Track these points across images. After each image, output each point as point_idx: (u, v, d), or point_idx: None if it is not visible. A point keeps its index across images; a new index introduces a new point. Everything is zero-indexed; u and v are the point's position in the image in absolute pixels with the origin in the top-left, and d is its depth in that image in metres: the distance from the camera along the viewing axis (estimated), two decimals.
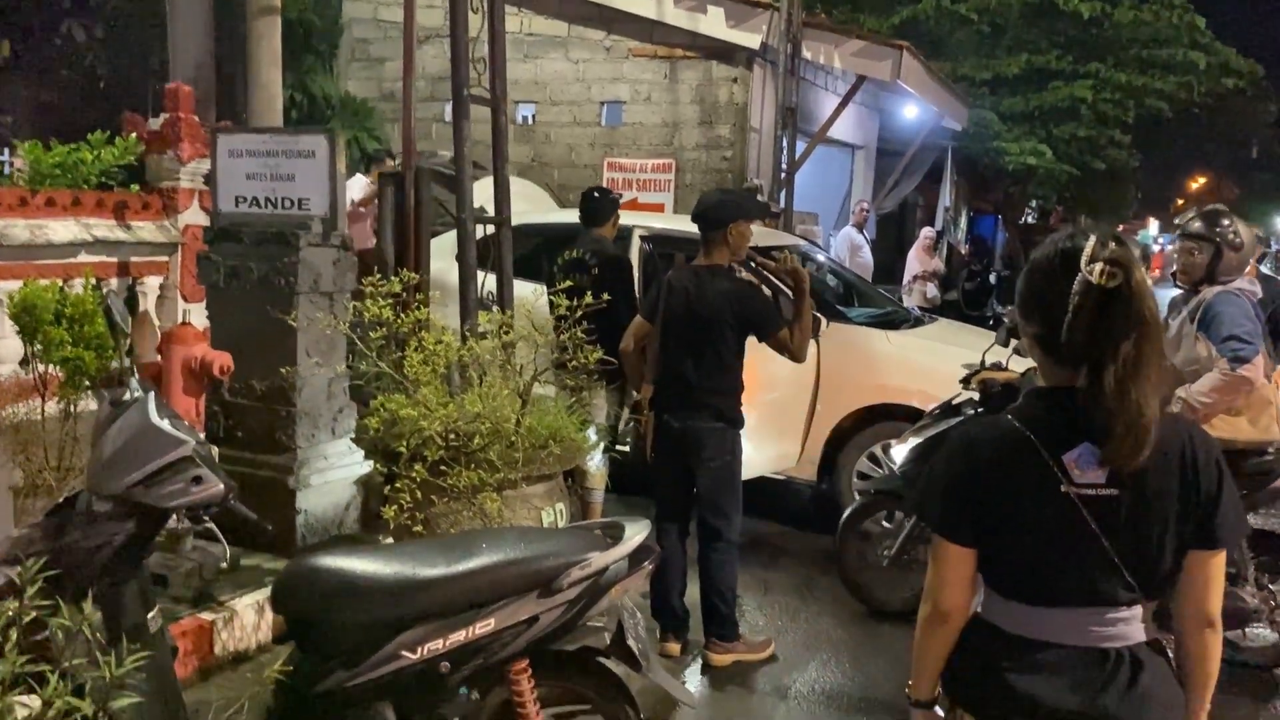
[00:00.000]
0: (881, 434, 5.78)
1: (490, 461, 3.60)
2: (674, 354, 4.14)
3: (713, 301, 4.08)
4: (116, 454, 2.46)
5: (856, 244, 11.26)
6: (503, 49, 5.19)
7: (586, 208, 5.51)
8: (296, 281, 4.37)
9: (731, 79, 9.75)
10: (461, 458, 3.61)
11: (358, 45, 10.97)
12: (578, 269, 5.10)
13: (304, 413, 4.48)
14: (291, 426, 4.46)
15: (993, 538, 1.77)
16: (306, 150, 4.47)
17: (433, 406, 3.68)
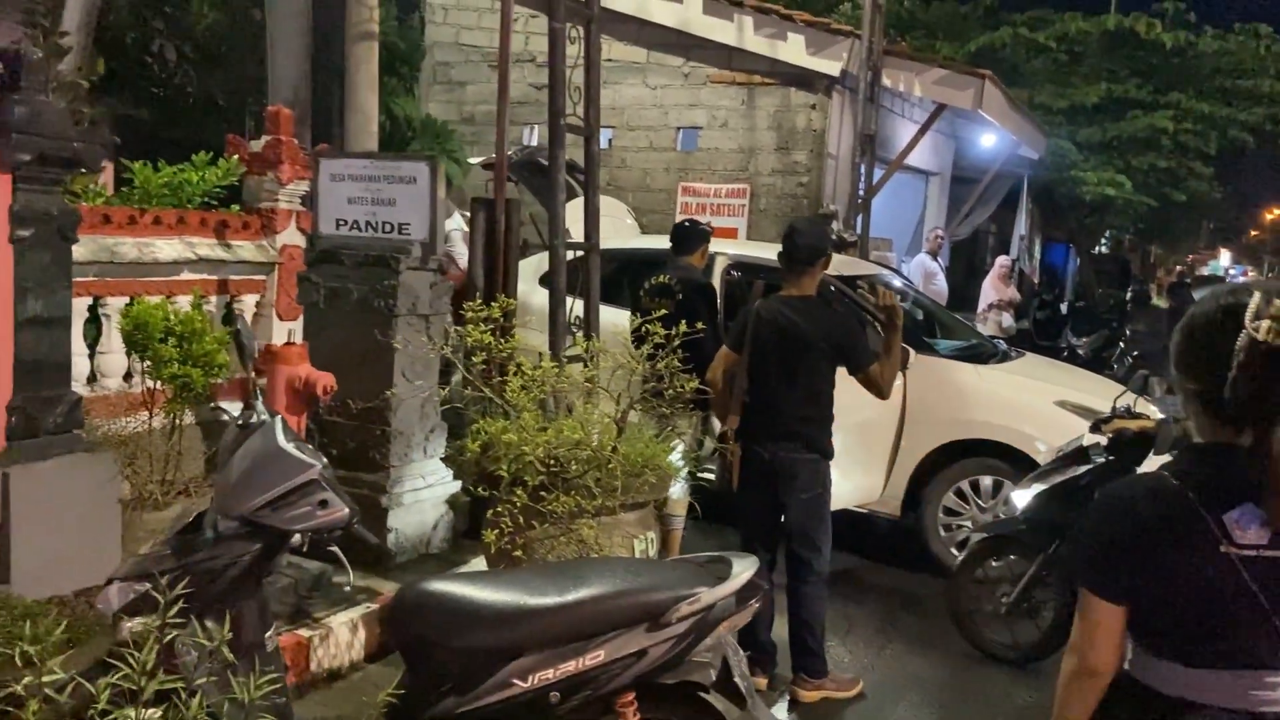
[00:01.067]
0: (969, 470, 5.72)
1: (588, 488, 3.61)
2: (765, 384, 4.13)
3: (808, 332, 4.08)
4: (244, 476, 2.52)
5: (931, 271, 11.14)
6: (598, 78, 5.26)
7: (677, 236, 5.58)
8: (395, 304, 4.45)
9: (810, 105, 9.74)
10: (560, 483, 3.63)
11: (439, 69, 11.17)
12: (664, 295, 5.14)
13: (398, 432, 4.55)
14: (386, 445, 4.52)
15: (1147, 596, 1.74)
16: (408, 176, 4.55)
17: (533, 432, 3.71)
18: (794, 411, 4.08)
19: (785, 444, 4.08)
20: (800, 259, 4.12)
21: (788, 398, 4.08)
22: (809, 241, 4.13)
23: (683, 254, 5.51)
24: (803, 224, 4.27)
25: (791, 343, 4.08)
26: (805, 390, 4.08)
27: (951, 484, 5.77)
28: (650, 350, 3.89)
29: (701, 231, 5.62)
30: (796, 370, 4.07)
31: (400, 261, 4.46)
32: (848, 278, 6.17)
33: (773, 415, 4.11)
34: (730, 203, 10.13)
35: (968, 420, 5.70)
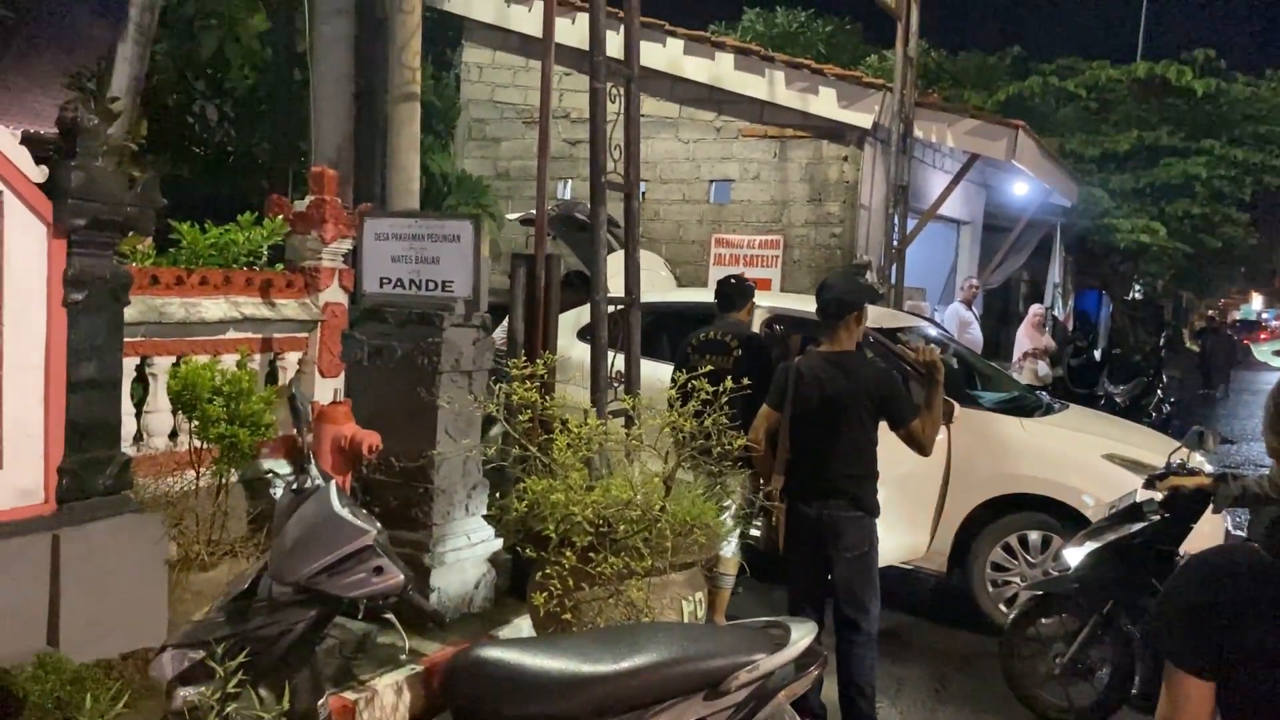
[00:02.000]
0: (1016, 525, 5.65)
1: (637, 548, 3.57)
2: (808, 441, 4.13)
3: (849, 387, 4.08)
4: (299, 542, 2.50)
5: (966, 320, 11.10)
6: (638, 135, 5.29)
7: (725, 294, 5.62)
8: (439, 361, 4.45)
9: (842, 157, 9.79)
10: (608, 544, 3.59)
11: (474, 125, 11.33)
12: (716, 350, 5.14)
13: (441, 490, 4.53)
14: (428, 503, 4.50)
15: (1238, 673, 1.68)
16: (452, 235, 4.59)
17: (580, 492, 3.68)
18: (838, 468, 4.08)
19: (831, 502, 4.07)
20: (832, 313, 4.15)
21: (831, 455, 4.08)
22: (839, 295, 4.17)
23: (731, 310, 5.56)
24: (835, 278, 4.31)
25: (833, 399, 4.09)
26: (849, 447, 4.08)
27: (999, 539, 5.70)
28: (698, 406, 3.85)
29: (749, 288, 5.70)
30: (839, 426, 4.07)
31: (444, 319, 4.48)
32: (887, 330, 6.14)
33: (817, 473, 4.10)
34: (764, 254, 10.15)
35: (1014, 475, 5.65)
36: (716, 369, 4.66)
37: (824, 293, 4.19)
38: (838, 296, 4.16)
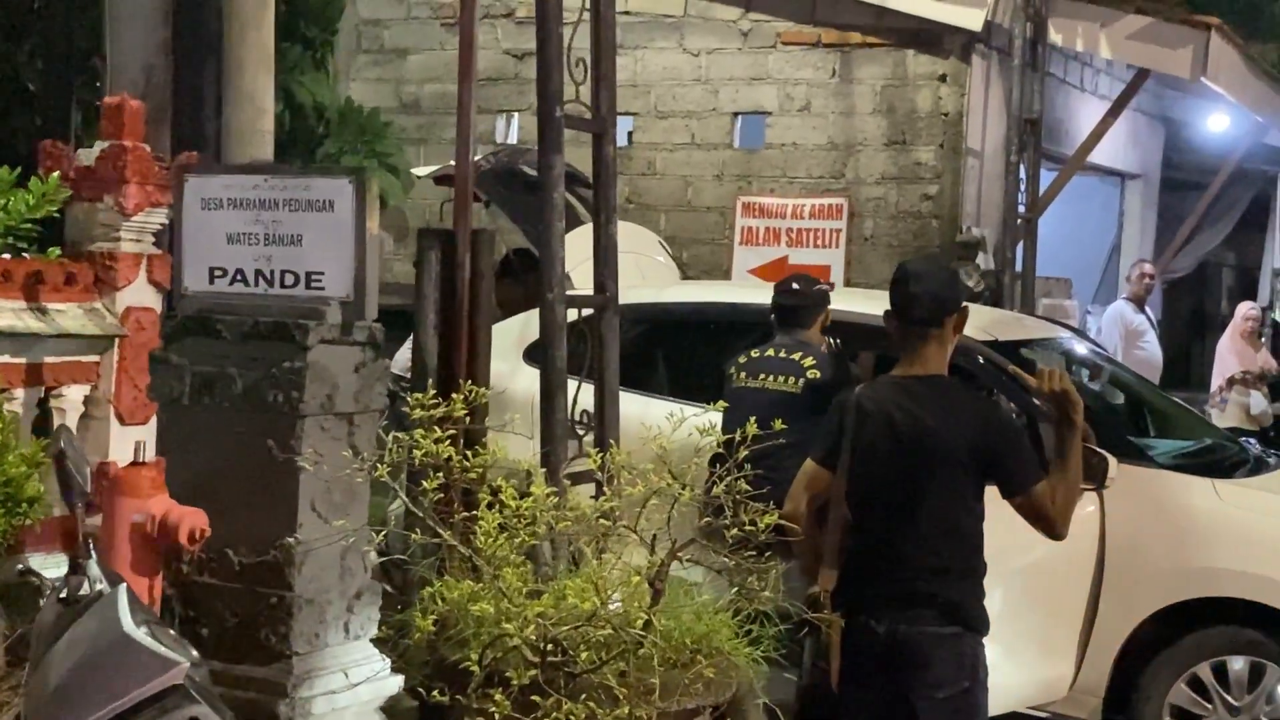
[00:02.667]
0: (1210, 647, 5.66)
1: (608, 687, 3.58)
2: (875, 517, 4.15)
3: (940, 433, 4.10)
4: (72, 678, 2.52)
5: (1135, 328, 11.17)
6: (612, 41, 5.36)
7: (783, 304, 5.76)
8: (302, 397, 4.47)
9: (938, 77, 9.88)
10: (563, 680, 3.60)
11: (366, 29, 11.43)
12: (781, 370, 5.34)
13: (305, 600, 4.53)
14: (286, 621, 4.50)
15: None
16: (321, 200, 4.61)
17: (518, 599, 3.70)
18: (922, 560, 4.09)
19: (910, 612, 4.08)
20: (919, 317, 4.15)
21: (911, 538, 4.09)
22: (932, 289, 4.17)
23: (796, 326, 5.68)
24: (920, 264, 4.38)
25: (915, 450, 4.10)
26: (938, 525, 4.10)
27: (1183, 670, 5.69)
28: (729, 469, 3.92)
29: (818, 293, 5.83)
30: (923, 493, 4.09)
31: (310, 332, 4.49)
32: (1004, 344, 6.18)
33: (889, 567, 4.12)
34: (818, 226, 10.25)
35: (1204, 569, 5.67)
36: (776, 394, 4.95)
37: (904, 286, 4.20)
38: (929, 292, 4.17)
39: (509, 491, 3.97)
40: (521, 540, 3.86)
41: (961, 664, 4.11)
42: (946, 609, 4.08)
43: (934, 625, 4.06)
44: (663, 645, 3.74)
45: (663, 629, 3.81)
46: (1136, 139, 12.85)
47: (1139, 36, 9.69)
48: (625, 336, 6.59)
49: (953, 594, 4.10)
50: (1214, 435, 7.10)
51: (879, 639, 4.06)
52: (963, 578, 4.15)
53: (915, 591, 4.07)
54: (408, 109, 11.14)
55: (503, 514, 3.91)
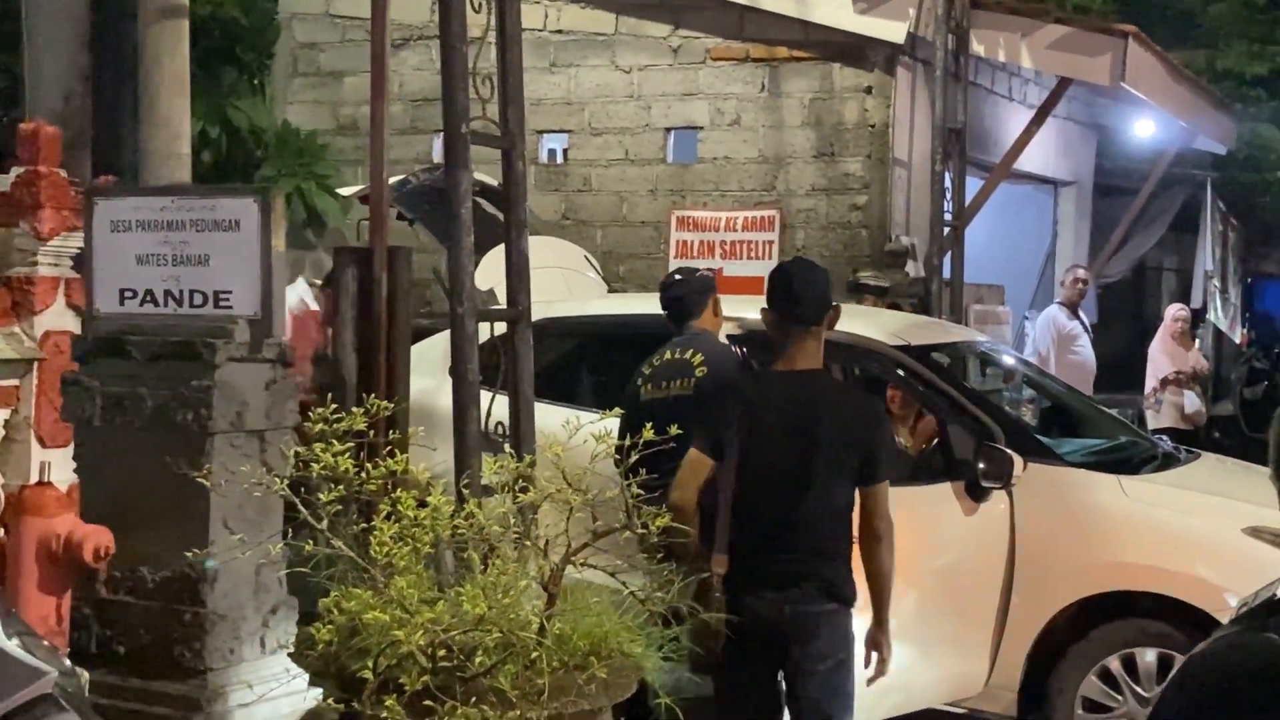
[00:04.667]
0: (1119, 640, 5.72)
1: (500, 691, 3.62)
2: (763, 502, 4.32)
3: (826, 424, 4.30)
4: None
5: (1068, 332, 11.21)
6: (518, 57, 5.38)
7: (669, 298, 5.68)
8: (211, 415, 4.51)
9: (863, 89, 9.95)
10: (456, 685, 3.63)
11: (302, 53, 11.43)
12: (676, 374, 5.28)
13: (219, 615, 4.58)
14: (200, 637, 4.55)
15: None
16: (227, 220, 4.66)
17: (413, 607, 3.73)
18: (806, 542, 4.31)
19: (794, 591, 4.29)
20: (804, 316, 4.36)
21: (797, 522, 4.30)
22: (816, 289, 4.40)
23: (688, 318, 5.60)
24: (801, 267, 4.60)
25: (802, 440, 4.30)
26: (821, 509, 4.31)
27: (1094, 663, 5.75)
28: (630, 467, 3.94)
29: (701, 279, 5.74)
30: (809, 480, 4.28)
31: (218, 350, 4.54)
32: (916, 348, 6.25)
33: (775, 549, 4.31)
34: (752, 238, 10.28)
35: (1113, 563, 5.73)
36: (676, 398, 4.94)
37: (790, 287, 4.41)
38: (813, 292, 4.39)
39: (407, 502, 4.00)
40: (414, 549, 3.89)
41: (837, 638, 4.33)
42: (827, 587, 4.30)
43: (817, 603, 4.28)
44: (555, 650, 3.76)
45: (559, 632, 3.84)
46: (1069, 147, 12.93)
47: (1059, 46, 9.76)
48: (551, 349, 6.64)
49: (831, 573, 4.32)
50: (1128, 434, 7.15)
51: (763, 617, 4.26)
52: (839, 558, 4.36)
53: (799, 572, 4.29)
54: (345, 131, 11.13)
55: (400, 524, 3.94)
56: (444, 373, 6.77)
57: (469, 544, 4.03)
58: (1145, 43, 10.04)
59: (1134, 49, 9.70)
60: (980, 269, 11.03)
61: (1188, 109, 11.86)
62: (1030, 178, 12.63)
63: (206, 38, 9.44)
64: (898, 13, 9.59)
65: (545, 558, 3.91)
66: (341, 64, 11.25)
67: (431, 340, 6.72)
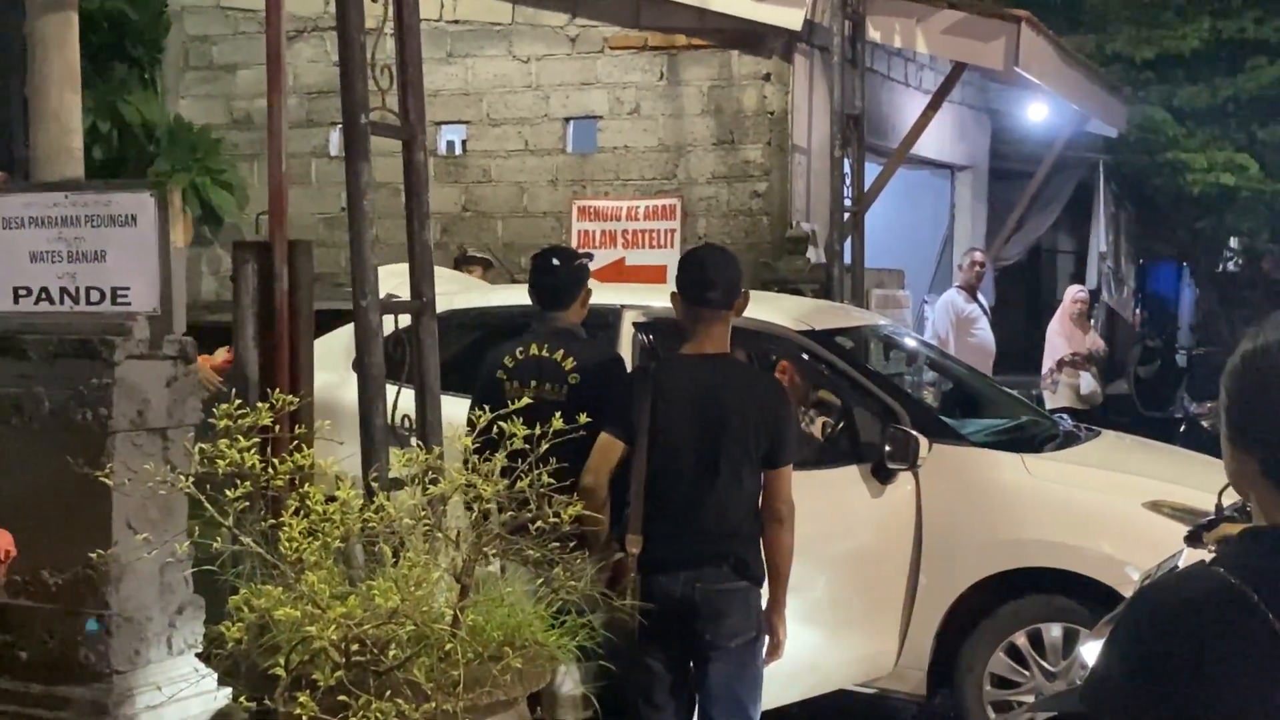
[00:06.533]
0: (1025, 616, 5.80)
1: (415, 684, 3.62)
2: (674, 484, 4.41)
3: (738, 406, 4.39)
4: None
5: (966, 315, 11.35)
6: (417, 47, 5.35)
7: (542, 281, 5.42)
8: (110, 414, 4.44)
9: (762, 76, 10.02)
10: (371, 680, 3.62)
11: (194, 46, 11.28)
12: (543, 375, 5.14)
13: (124, 617, 4.51)
14: (104, 640, 4.48)
15: None
16: (124, 215, 4.60)
17: (324, 602, 3.71)
18: (717, 523, 4.39)
19: (707, 570, 4.38)
20: (715, 301, 4.43)
21: (708, 503, 4.38)
22: (727, 275, 4.48)
23: (557, 307, 5.37)
24: (713, 253, 4.69)
25: (713, 422, 4.38)
26: (730, 491, 4.39)
27: (1000, 640, 5.84)
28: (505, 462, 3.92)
29: (578, 266, 5.48)
30: (719, 462, 4.36)
31: (116, 347, 4.47)
32: (820, 333, 6.31)
33: (687, 530, 4.39)
34: (653, 227, 10.33)
35: (1016, 540, 5.82)
36: (544, 402, 4.73)
37: (702, 272, 4.47)
38: (725, 278, 4.46)
39: (316, 496, 3.98)
40: (324, 543, 3.87)
41: (749, 616, 4.43)
42: (738, 566, 4.40)
43: (726, 581, 4.38)
44: (470, 641, 3.77)
45: (472, 623, 3.85)
46: (964, 132, 13.10)
47: (953, 31, 9.88)
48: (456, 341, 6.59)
49: (742, 552, 4.42)
50: (1029, 413, 7.27)
51: (675, 596, 4.35)
52: (748, 538, 4.46)
53: (712, 551, 4.39)
54: (239, 125, 11.02)
55: (309, 519, 3.91)
56: (348, 367, 6.74)
57: (379, 537, 4.02)
58: (1038, 27, 10.19)
59: (1027, 34, 9.84)
60: (879, 254, 11.14)
61: (1080, 93, 12.06)
62: (927, 163, 12.80)
63: (95, 31, 9.31)
64: (795, 1, 9.63)
65: (457, 549, 3.91)
66: (234, 57, 11.13)
67: (335, 334, 6.67)
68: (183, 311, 4.73)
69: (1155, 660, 1.83)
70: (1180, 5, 17.56)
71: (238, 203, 10.25)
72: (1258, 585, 1.79)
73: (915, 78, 11.97)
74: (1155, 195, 17.71)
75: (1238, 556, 1.88)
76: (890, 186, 10.76)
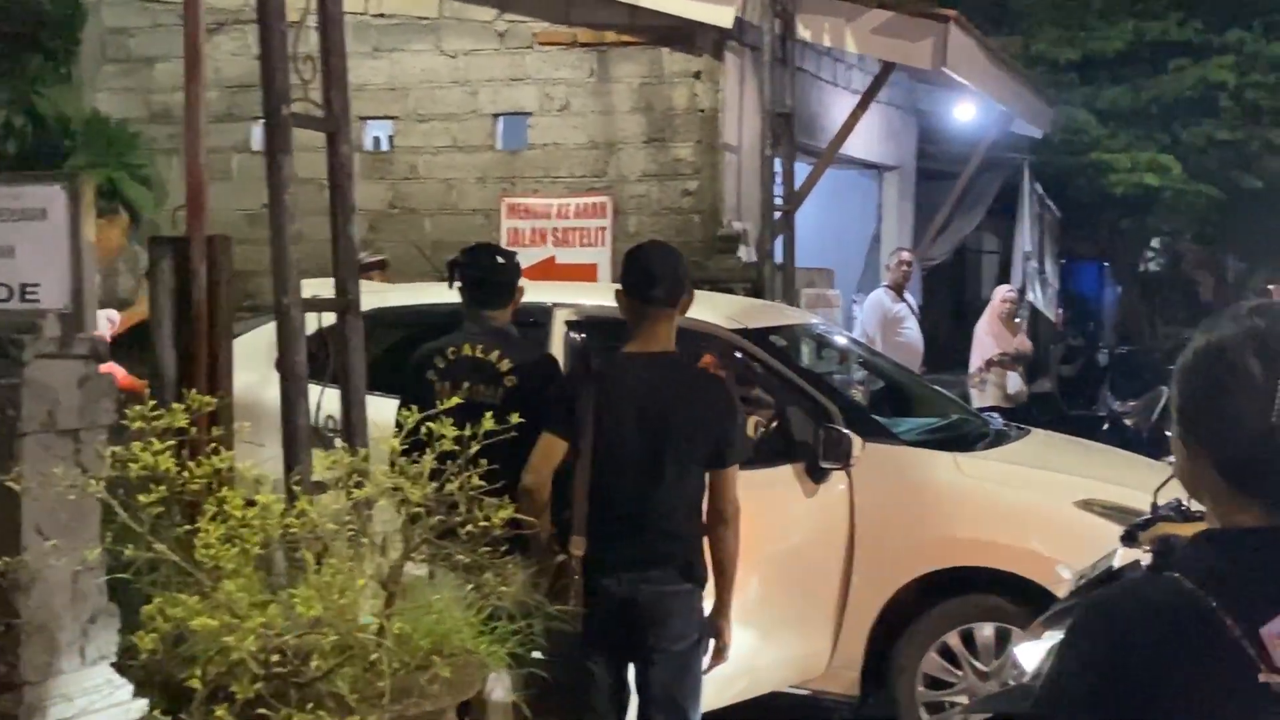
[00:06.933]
0: (957, 616, 5.83)
1: (339, 695, 3.50)
2: (619, 484, 4.38)
3: (681, 406, 4.39)
4: None
5: (894, 315, 11.42)
6: (340, 40, 5.25)
7: (476, 278, 5.33)
8: (19, 416, 4.28)
9: (692, 74, 9.93)
10: (292, 692, 3.51)
11: (112, 38, 11.05)
12: (478, 376, 5.03)
13: (34, 626, 4.35)
14: (14, 650, 4.32)
15: None
16: (33, 209, 4.44)
17: (243, 610, 3.59)
18: (664, 524, 4.38)
19: (652, 572, 4.35)
20: (661, 299, 4.41)
21: (653, 503, 4.37)
22: (674, 273, 4.47)
23: (488, 306, 5.26)
24: (658, 250, 4.66)
25: (658, 422, 4.36)
26: (675, 491, 4.38)
27: (934, 639, 5.86)
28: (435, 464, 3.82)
29: (512, 265, 5.39)
30: (665, 462, 4.34)
31: (25, 347, 4.31)
32: (754, 331, 6.28)
33: (632, 531, 4.37)
34: (584, 225, 10.23)
35: (948, 539, 5.85)
36: (476, 404, 4.60)
37: (648, 270, 4.45)
38: (671, 275, 4.45)
39: (234, 501, 3.85)
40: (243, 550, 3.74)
41: (692, 619, 4.44)
42: (683, 568, 4.39)
43: (672, 583, 4.36)
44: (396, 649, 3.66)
45: (399, 631, 3.75)
46: (891, 132, 13.15)
47: (882, 30, 9.88)
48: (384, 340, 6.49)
49: (687, 554, 4.41)
50: (960, 412, 7.32)
51: (621, 599, 4.32)
52: (692, 539, 4.45)
53: (656, 553, 4.37)
54: (158, 118, 10.77)
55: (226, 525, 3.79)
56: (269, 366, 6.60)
57: (301, 543, 3.90)
58: (966, 27, 10.25)
59: (955, 33, 9.89)
60: (809, 253, 11.13)
61: (1006, 93, 12.16)
62: (855, 162, 12.82)
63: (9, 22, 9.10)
64: None
65: (383, 555, 3.79)
66: (153, 49, 10.89)
67: (256, 333, 6.55)
68: (95, 309, 4.58)
69: (1113, 669, 1.81)
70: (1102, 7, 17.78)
71: (156, 199, 10.02)
72: (1216, 591, 1.78)
73: (844, 77, 11.97)
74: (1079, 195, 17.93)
75: (1194, 561, 1.85)
76: (818, 186, 10.74)
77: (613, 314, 6.31)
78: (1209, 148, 17.48)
